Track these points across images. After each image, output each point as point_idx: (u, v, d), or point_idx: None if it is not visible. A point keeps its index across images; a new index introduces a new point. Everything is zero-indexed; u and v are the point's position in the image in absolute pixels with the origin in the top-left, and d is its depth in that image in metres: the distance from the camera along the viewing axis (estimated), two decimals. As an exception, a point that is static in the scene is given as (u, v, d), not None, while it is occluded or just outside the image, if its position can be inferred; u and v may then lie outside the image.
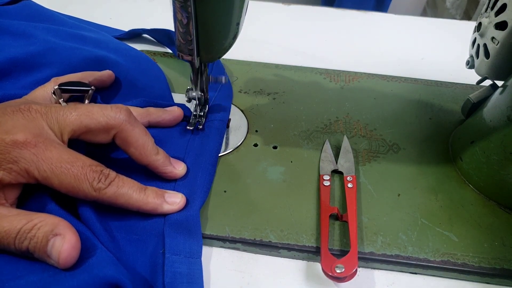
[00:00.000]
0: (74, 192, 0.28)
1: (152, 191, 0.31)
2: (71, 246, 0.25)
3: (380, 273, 0.32)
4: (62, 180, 0.27)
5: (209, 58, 0.35)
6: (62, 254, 0.25)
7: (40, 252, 0.25)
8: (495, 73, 0.37)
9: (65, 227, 0.26)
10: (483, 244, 0.32)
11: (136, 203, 0.30)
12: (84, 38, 0.46)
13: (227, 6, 0.31)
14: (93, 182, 0.28)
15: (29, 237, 0.25)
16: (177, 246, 0.30)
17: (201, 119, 0.39)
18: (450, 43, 0.59)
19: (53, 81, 0.37)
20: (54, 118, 0.29)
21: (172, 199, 0.31)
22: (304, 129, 0.42)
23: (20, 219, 0.26)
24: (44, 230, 0.25)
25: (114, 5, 0.61)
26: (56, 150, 0.28)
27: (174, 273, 0.28)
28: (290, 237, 0.32)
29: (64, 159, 0.28)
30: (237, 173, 0.37)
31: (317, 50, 0.56)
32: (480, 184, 0.36)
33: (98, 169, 0.29)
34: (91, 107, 0.31)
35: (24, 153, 0.27)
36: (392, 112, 0.44)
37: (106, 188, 0.29)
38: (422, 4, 1.70)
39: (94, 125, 0.30)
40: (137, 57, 0.47)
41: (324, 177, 0.36)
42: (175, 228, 0.30)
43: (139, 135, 0.32)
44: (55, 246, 0.25)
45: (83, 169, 0.28)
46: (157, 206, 0.31)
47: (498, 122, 0.35)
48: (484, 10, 0.38)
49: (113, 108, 0.31)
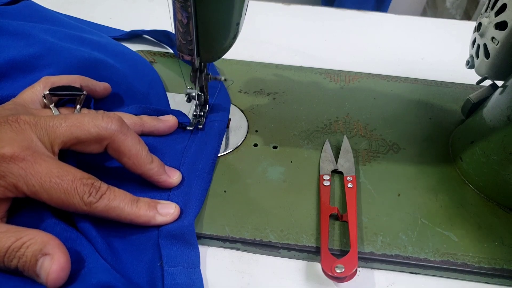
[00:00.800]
0: (64, 206, 0.28)
1: (145, 203, 0.30)
2: (59, 268, 0.25)
3: (380, 273, 0.32)
4: (52, 195, 0.27)
5: (209, 58, 0.35)
6: (51, 276, 0.24)
7: (29, 271, 0.25)
8: (495, 73, 0.37)
9: (54, 246, 0.25)
10: (483, 244, 0.32)
11: (128, 216, 0.29)
12: (83, 40, 0.46)
13: (227, 6, 0.31)
14: (83, 196, 0.27)
15: (18, 256, 0.25)
16: (174, 258, 0.29)
17: (201, 119, 0.39)
18: (450, 43, 0.59)
19: (43, 81, 0.36)
20: (43, 129, 0.28)
21: (165, 210, 0.31)
22: (304, 129, 0.42)
23: (9, 237, 0.25)
24: (33, 249, 0.25)
25: (114, 5, 0.61)
26: (45, 163, 0.27)
27: (174, 285, 0.28)
28: (290, 237, 0.32)
29: (54, 173, 0.27)
30: (237, 173, 0.37)
31: (317, 50, 0.56)
32: (480, 184, 0.36)
33: (89, 182, 0.28)
34: (82, 118, 0.30)
35: (11, 168, 0.26)
36: (392, 112, 0.44)
37: (97, 202, 0.28)
38: (422, 4, 1.70)
39: (85, 136, 0.29)
40: (134, 60, 0.47)
41: (324, 177, 0.36)
42: (171, 239, 0.30)
43: (132, 144, 0.31)
44: (43, 266, 0.24)
45: (73, 183, 0.27)
46: (150, 219, 0.30)
47: (498, 122, 0.35)
48: (484, 10, 0.38)
49: (105, 118, 0.30)
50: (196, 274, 0.29)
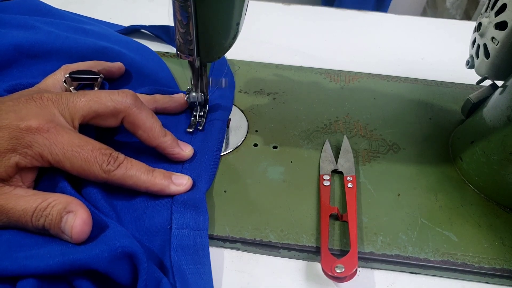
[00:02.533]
0: (84, 174, 0.30)
1: (160, 172, 0.32)
2: (82, 222, 0.26)
3: (380, 273, 0.32)
4: (73, 163, 0.29)
5: (209, 58, 0.35)
6: (75, 229, 0.26)
7: (55, 228, 0.27)
8: (495, 73, 0.37)
9: (77, 205, 0.27)
10: (483, 244, 0.32)
11: (144, 184, 0.31)
12: (87, 32, 0.47)
13: (227, 6, 0.31)
14: (102, 164, 0.29)
15: (45, 215, 0.27)
16: (184, 221, 0.31)
17: (201, 119, 0.39)
18: (450, 43, 0.59)
19: (63, 68, 0.38)
20: (64, 105, 0.31)
21: (179, 181, 0.33)
22: (304, 129, 0.42)
23: (36, 199, 0.27)
24: (57, 208, 0.27)
25: (114, 5, 0.61)
26: (67, 135, 0.29)
27: (180, 246, 0.29)
28: (290, 237, 0.32)
29: (75, 143, 0.29)
30: (237, 173, 0.37)
31: (317, 50, 0.56)
32: (480, 184, 0.36)
33: (107, 152, 0.30)
34: (99, 93, 0.32)
35: (37, 138, 0.28)
36: (392, 112, 0.44)
37: (115, 170, 0.30)
38: (422, 4, 1.70)
39: (102, 110, 0.32)
40: (139, 48, 0.48)
41: (324, 177, 0.36)
42: (182, 207, 0.32)
43: (146, 118, 0.33)
44: (68, 222, 0.26)
45: (93, 152, 0.29)
46: (164, 187, 0.32)
47: (498, 122, 0.35)
48: (484, 10, 0.38)
49: (120, 93, 0.32)
50: (203, 236, 0.30)
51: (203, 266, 0.29)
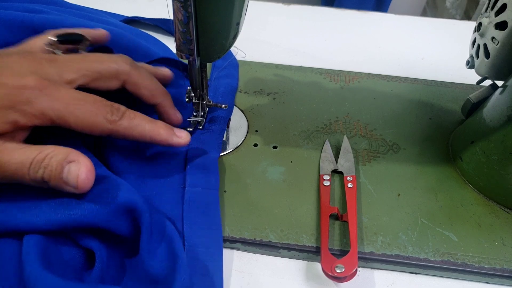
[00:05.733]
0: (90, 127, 0.29)
1: (162, 123, 0.32)
2: (87, 169, 0.26)
3: (380, 273, 0.32)
4: (78, 116, 0.28)
5: (209, 58, 0.35)
6: (81, 177, 0.26)
7: (55, 179, 0.26)
8: (495, 73, 0.37)
9: (77, 154, 0.27)
10: (483, 244, 0.32)
11: (149, 133, 0.31)
12: (92, 19, 0.48)
13: (227, 6, 0.31)
14: (107, 115, 0.29)
15: (43, 166, 0.26)
16: (196, 181, 0.33)
17: (202, 119, 0.39)
18: (450, 43, 0.59)
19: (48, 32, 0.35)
20: (62, 65, 0.29)
21: (180, 133, 0.33)
22: (304, 129, 0.42)
23: (32, 151, 0.26)
24: (57, 159, 0.26)
25: (114, 5, 0.61)
26: (66, 90, 0.28)
27: (192, 201, 0.31)
28: (290, 237, 0.32)
29: (76, 97, 0.28)
30: (237, 173, 0.37)
31: (317, 50, 0.56)
32: (480, 184, 0.36)
33: (108, 103, 0.30)
34: (100, 55, 0.32)
35: (36, 94, 0.27)
36: (392, 112, 0.44)
37: (120, 120, 0.30)
38: (422, 4, 1.70)
39: (104, 71, 0.31)
40: (142, 33, 0.50)
41: (324, 177, 0.36)
42: (195, 169, 0.34)
43: (147, 77, 0.34)
44: (71, 171, 0.26)
45: (96, 104, 0.29)
46: (168, 137, 0.32)
47: (498, 122, 0.35)
48: (484, 10, 0.38)
49: (120, 56, 0.33)
50: (213, 194, 0.33)
51: (213, 218, 0.31)
